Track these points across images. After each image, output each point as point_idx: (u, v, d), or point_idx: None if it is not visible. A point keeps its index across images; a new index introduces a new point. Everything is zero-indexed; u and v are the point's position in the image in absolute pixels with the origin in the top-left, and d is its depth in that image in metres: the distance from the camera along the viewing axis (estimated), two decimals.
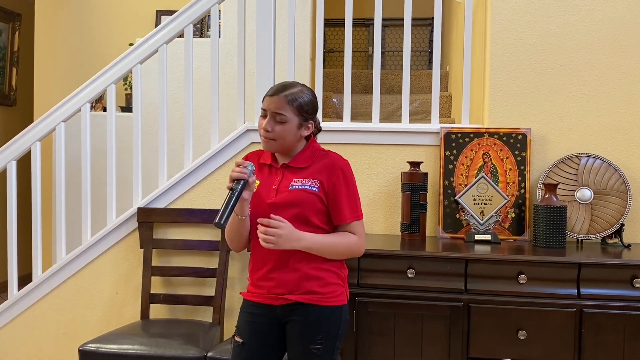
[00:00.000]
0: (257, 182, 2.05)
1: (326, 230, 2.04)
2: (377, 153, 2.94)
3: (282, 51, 3.53)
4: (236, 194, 1.90)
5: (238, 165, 1.94)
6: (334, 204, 2.03)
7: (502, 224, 2.81)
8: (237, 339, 2.10)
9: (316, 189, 2.01)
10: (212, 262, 2.99)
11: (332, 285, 2.04)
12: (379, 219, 2.94)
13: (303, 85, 2.07)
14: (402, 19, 2.97)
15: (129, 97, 4.40)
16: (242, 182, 1.91)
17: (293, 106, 1.99)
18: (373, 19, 3.02)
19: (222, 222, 1.85)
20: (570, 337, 2.37)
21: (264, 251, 2.00)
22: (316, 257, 2.02)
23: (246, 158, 2.15)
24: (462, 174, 2.85)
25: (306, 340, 2.01)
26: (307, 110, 2.03)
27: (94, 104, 4.26)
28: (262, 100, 2.04)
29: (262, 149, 2.09)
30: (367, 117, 4.04)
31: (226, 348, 2.51)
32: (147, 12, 4.82)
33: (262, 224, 1.92)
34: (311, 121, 2.07)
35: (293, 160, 2.06)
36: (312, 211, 2.00)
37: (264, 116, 2.03)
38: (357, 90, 4.82)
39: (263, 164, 2.12)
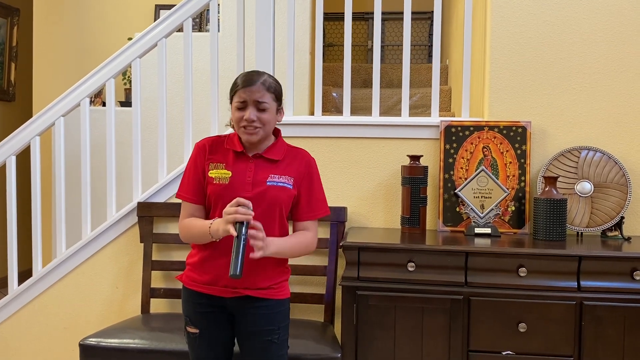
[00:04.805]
0: (230, 172, 2.01)
1: (282, 223, 2.05)
2: (377, 147, 2.94)
3: (281, 45, 3.53)
4: (243, 239, 1.82)
5: (239, 205, 1.86)
6: (308, 199, 2.06)
7: (502, 217, 2.81)
8: (192, 330, 2.09)
9: (291, 187, 2.04)
10: None
11: (281, 282, 2.09)
12: (379, 213, 2.94)
13: (265, 72, 2.07)
14: (402, 13, 2.96)
15: (128, 92, 4.39)
16: (245, 223, 1.84)
17: (270, 92, 2.00)
18: (372, 13, 3.02)
19: (237, 273, 1.79)
20: (570, 330, 2.38)
21: (223, 243, 1.97)
22: (268, 260, 2.01)
23: (206, 143, 2.07)
24: (462, 168, 2.84)
25: (263, 332, 2.03)
26: (280, 94, 2.06)
27: (93, 99, 4.25)
28: (233, 93, 2.01)
29: (245, 139, 2.02)
30: (367, 111, 4.04)
31: None
32: (145, 6, 4.81)
33: (256, 228, 1.87)
34: (282, 107, 2.09)
35: (267, 152, 2.05)
36: (282, 208, 2.02)
37: (241, 108, 1.99)
38: (357, 84, 4.81)
39: (228, 150, 2.06)
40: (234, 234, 1.82)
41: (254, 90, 1.97)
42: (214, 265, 2.03)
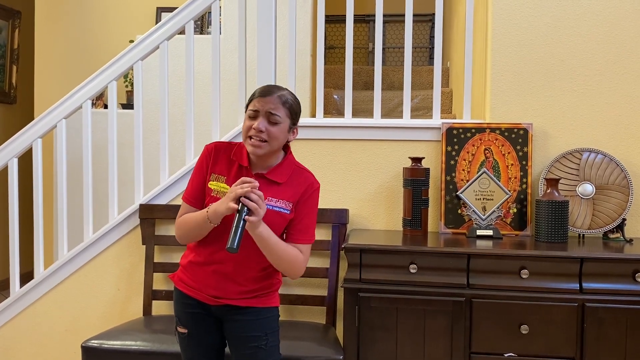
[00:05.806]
0: (228, 187, 1.97)
1: None
2: (378, 149, 2.94)
3: (282, 47, 3.54)
4: (244, 214, 1.82)
5: (244, 183, 1.84)
6: (300, 223, 2.02)
7: (504, 219, 2.81)
8: (182, 329, 2.10)
9: (288, 212, 2.00)
10: None
11: (269, 292, 2.08)
12: (380, 215, 2.95)
13: (287, 88, 2.04)
14: (403, 15, 2.97)
15: (129, 94, 4.40)
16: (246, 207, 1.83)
17: (285, 107, 1.95)
18: (373, 15, 3.03)
19: (234, 246, 1.79)
20: (572, 332, 2.38)
21: (221, 249, 1.95)
22: (265, 273, 2.02)
23: (213, 149, 2.05)
24: (463, 170, 2.85)
25: (250, 338, 2.03)
26: (296, 113, 2.01)
27: (94, 101, 4.26)
28: (249, 102, 1.98)
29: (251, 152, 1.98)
30: (368, 113, 4.04)
31: None
32: (147, 8, 4.82)
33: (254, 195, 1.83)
34: (296, 126, 2.04)
35: (271, 172, 2.01)
36: (275, 231, 1.98)
37: (253, 117, 1.95)
38: (358, 86, 4.82)
39: (234, 162, 2.03)
40: (236, 207, 1.81)
41: (268, 100, 1.94)
42: (201, 272, 2.04)
